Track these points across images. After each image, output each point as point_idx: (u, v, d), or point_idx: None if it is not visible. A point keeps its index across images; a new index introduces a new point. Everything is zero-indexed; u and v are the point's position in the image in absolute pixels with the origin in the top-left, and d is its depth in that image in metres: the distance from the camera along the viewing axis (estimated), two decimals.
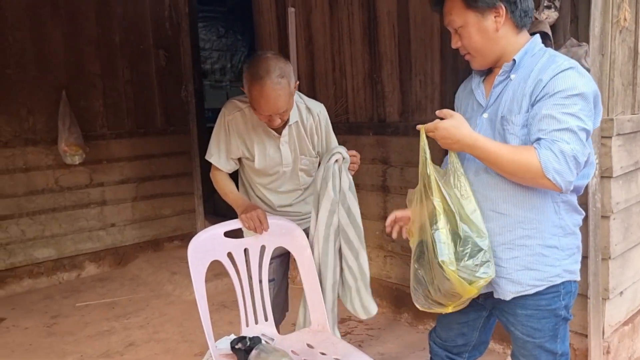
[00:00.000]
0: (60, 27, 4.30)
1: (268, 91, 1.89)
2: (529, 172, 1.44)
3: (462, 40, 1.58)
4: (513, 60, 1.55)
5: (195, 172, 4.88)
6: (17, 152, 4.16)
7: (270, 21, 4.03)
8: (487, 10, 1.52)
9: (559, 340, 1.66)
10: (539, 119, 1.45)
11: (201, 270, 1.95)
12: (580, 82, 1.45)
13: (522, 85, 1.52)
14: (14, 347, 3.26)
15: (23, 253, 4.25)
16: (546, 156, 1.41)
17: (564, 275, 1.59)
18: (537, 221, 1.55)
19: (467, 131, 1.51)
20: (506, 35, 1.55)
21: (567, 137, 1.41)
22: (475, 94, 1.68)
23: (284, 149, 2.16)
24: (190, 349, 3.12)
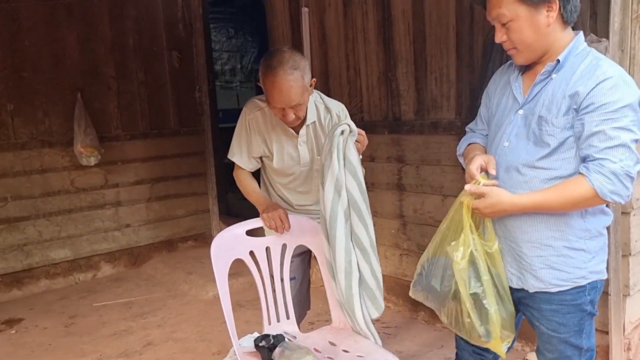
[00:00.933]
0: (74, 30, 4.34)
1: (280, 82, 1.91)
2: (587, 202, 1.47)
3: (510, 35, 1.53)
4: (557, 61, 1.53)
5: (210, 172, 4.92)
6: (33, 154, 4.20)
7: (284, 21, 4.05)
8: (540, 3, 1.47)
9: (585, 336, 1.65)
10: (589, 135, 1.44)
11: (224, 269, 1.95)
12: (627, 92, 1.43)
13: (563, 87, 1.50)
14: (34, 347, 3.29)
15: (40, 254, 4.29)
16: (599, 181, 1.42)
17: (590, 276, 1.60)
18: (563, 223, 1.56)
19: (509, 199, 1.53)
20: (554, 31, 1.52)
21: (620, 154, 1.41)
22: (513, 88, 1.65)
23: (301, 149, 2.17)
24: (208, 348, 3.14)
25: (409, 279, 3.42)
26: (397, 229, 3.45)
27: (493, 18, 1.56)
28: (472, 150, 1.77)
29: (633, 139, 1.42)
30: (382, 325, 3.31)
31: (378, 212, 3.53)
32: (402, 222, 3.41)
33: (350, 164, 1.94)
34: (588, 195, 1.43)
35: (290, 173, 2.23)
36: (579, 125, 1.47)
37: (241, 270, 2.15)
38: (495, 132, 1.69)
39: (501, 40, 1.56)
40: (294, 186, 2.26)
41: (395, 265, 3.50)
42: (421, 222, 3.30)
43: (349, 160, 1.94)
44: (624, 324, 2.42)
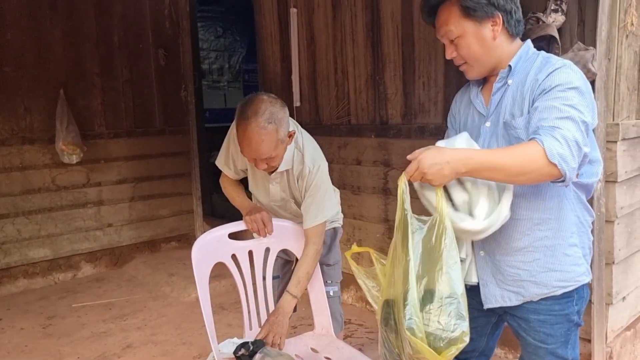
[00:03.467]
0: (59, 25, 4.27)
1: (251, 134, 1.80)
2: (535, 163, 1.36)
3: (459, 51, 1.57)
4: (509, 66, 1.56)
5: (194, 172, 4.86)
6: (13, 151, 4.12)
7: (272, 22, 4.01)
8: (485, 19, 1.52)
9: (570, 347, 1.63)
10: (540, 111, 1.43)
11: (205, 272, 1.92)
12: (575, 77, 1.45)
13: (521, 89, 1.52)
14: (10, 349, 3.21)
15: (19, 253, 4.21)
16: (549, 142, 1.35)
17: (583, 278, 1.56)
18: (555, 220, 1.53)
19: (453, 150, 1.43)
20: (502, 43, 1.56)
21: (569, 125, 1.38)
22: (475, 104, 1.66)
23: (273, 187, 2.11)
24: (188, 352, 3.09)
25: None
26: (382, 233, 3.43)
27: (442, 35, 1.60)
28: None
29: (581, 118, 1.40)
30: (365, 330, 3.29)
31: (364, 216, 3.51)
32: (387, 227, 3.39)
33: None
34: (537, 155, 1.35)
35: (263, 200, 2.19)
36: (533, 110, 1.46)
37: (224, 272, 2.11)
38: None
39: (451, 56, 1.60)
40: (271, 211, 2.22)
41: None
42: None
43: None
44: (607, 332, 2.42)
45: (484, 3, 1.51)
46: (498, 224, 1.46)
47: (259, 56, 4.22)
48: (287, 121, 1.91)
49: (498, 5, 1.51)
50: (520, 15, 1.57)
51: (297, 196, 2.10)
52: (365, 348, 3.02)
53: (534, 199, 1.53)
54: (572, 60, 2.17)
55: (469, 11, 1.52)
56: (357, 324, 3.37)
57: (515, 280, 1.57)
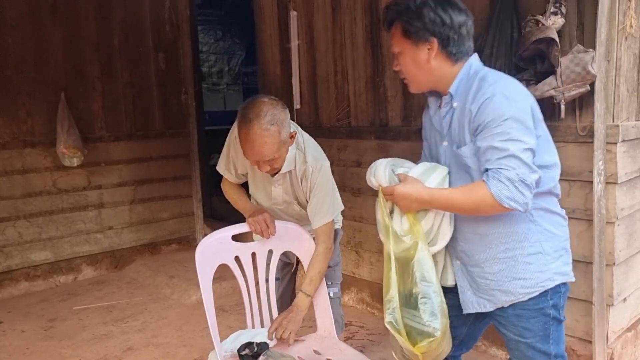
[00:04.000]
0: (59, 29, 4.27)
1: (254, 136, 1.81)
2: (486, 205, 1.52)
3: (400, 66, 1.69)
4: (449, 93, 1.65)
5: (195, 175, 4.87)
6: (15, 154, 4.13)
7: (272, 24, 4.03)
8: (420, 42, 1.61)
9: (552, 342, 1.68)
10: (483, 152, 1.53)
11: (208, 273, 1.92)
12: (505, 105, 1.51)
13: (461, 115, 1.61)
14: (12, 351, 3.22)
15: (20, 256, 4.21)
16: (495, 186, 1.48)
17: (556, 278, 1.64)
18: (513, 233, 1.62)
19: (422, 188, 1.61)
20: (440, 66, 1.64)
21: (512, 163, 1.48)
22: (434, 122, 1.76)
23: (275, 189, 2.11)
24: (189, 354, 3.10)
25: None
26: None
27: (391, 50, 1.73)
28: None
29: (523, 148, 1.49)
30: (366, 332, 3.29)
31: (364, 218, 3.52)
32: None
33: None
34: (487, 199, 1.50)
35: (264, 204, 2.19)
36: (476, 148, 1.57)
37: (224, 275, 2.12)
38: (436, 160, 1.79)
39: (396, 69, 1.72)
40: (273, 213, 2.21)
41: (380, 272, 3.47)
42: None
43: None
44: (608, 333, 2.43)
45: (420, 27, 1.60)
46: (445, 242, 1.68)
47: (259, 59, 4.23)
48: (288, 122, 1.92)
49: (434, 32, 1.60)
50: (464, 45, 1.63)
51: (301, 197, 2.11)
52: (366, 350, 3.03)
53: (480, 217, 1.63)
54: (572, 63, 2.20)
55: (408, 32, 1.62)
56: (357, 326, 3.37)
57: (487, 290, 1.68)
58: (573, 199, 2.45)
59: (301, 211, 2.14)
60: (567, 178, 2.46)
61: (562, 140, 2.45)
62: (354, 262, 3.64)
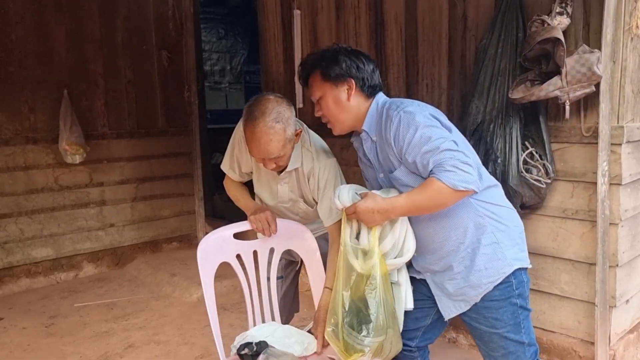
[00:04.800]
0: (63, 26, 4.27)
1: (260, 134, 1.81)
2: (445, 196, 1.59)
3: (323, 110, 1.81)
4: (363, 130, 1.79)
5: (197, 173, 4.87)
6: (17, 150, 4.13)
7: (275, 23, 4.02)
8: (339, 82, 1.76)
9: (524, 331, 1.76)
10: (420, 161, 1.62)
11: (210, 272, 1.92)
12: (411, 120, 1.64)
13: (384, 145, 1.73)
14: (12, 348, 3.21)
15: (21, 252, 4.21)
16: (445, 176, 1.56)
17: (514, 263, 1.73)
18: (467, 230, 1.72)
19: (381, 200, 1.69)
20: (358, 103, 1.79)
21: (448, 155, 1.57)
22: (364, 160, 1.90)
23: (281, 187, 2.10)
24: (190, 352, 3.09)
25: None
26: None
27: (311, 96, 1.84)
28: None
29: (448, 140, 1.60)
30: None
31: None
32: None
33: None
34: (443, 190, 1.57)
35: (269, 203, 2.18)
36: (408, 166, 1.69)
37: (225, 273, 2.11)
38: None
39: (318, 114, 1.84)
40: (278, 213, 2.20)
41: None
42: None
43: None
44: (610, 335, 2.42)
45: (338, 70, 1.76)
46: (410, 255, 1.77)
47: (262, 58, 4.23)
48: (294, 120, 1.91)
49: (351, 74, 1.76)
50: (374, 81, 1.80)
51: (307, 195, 2.10)
52: None
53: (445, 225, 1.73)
54: (577, 63, 2.19)
55: (327, 75, 1.77)
56: None
57: (458, 290, 1.76)
58: (576, 200, 2.45)
59: (307, 209, 2.13)
60: (571, 179, 2.45)
61: (566, 141, 2.44)
62: None
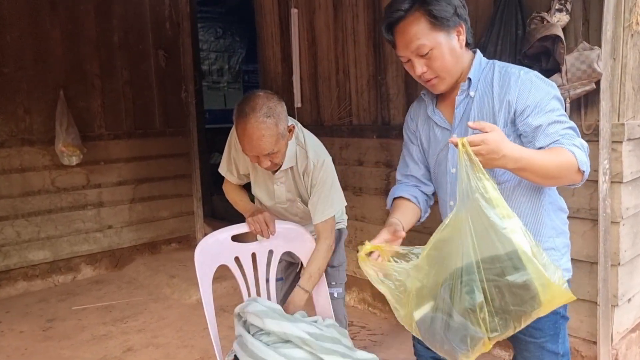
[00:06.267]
0: (59, 26, 4.25)
1: (251, 129, 1.79)
2: (570, 170, 1.41)
3: (432, 64, 1.53)
4: (468, 79, 1.58)
5: (195, 174, 4.84)
6: (13, 152, 4.10)
7: (273, 22, 4.00)
8: (452, 29, 1.53)
9: (561, 341, 1.66)
10: (544, 128, 1.45)
11: (208, 274, 1.90)
12: (547, 86, 1.50)
13: (489, 103, 1.53)
14: (10, 352, 3.19)
15: (18, 255, 4.18)
16: (577, 152, 1.41)
17: (565, 274, 1.59)
18: (533, 224, 1.57)
19: (511, 144, 1.38)
20: (463, 53, 1.58)
21: (574, 133, 1.47)
22: (435, 120, 1.66)
23: (277, 187, 2.08)
24: (190, 355, 3.07)
25: None
26: None
27: (412, 51, 1.54)
28: (394, 211, 1.78)
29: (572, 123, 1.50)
30: (368, 332, 3.26)
31: (366, 218, 3.49)
32: None
33: None
34: (572, 162, 1.40)
35: (268, 204, 2.17)
36: (526, 128, 1.48)
37: (225, 274, 2.09)
38: (439, 163, 1.69)
39: (422, 72, 1.55)
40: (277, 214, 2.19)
41: None
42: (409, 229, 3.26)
43: None
44: (612, 334, 2.40)
45: (452, 13, 1.51)
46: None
47: (260, 57, 4.21)
48: (285, 115, 1.89)
49: (460, 15, 1.54)
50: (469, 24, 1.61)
51: (304, 193, 2.08)
52: (368, 350, 2.99)
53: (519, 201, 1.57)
54: (578, 61, 2.17)
55: (441, 22, 1.50)
56: (359, 326, 3.34)
57: None
58: (577, 199, 2.42)
59: (305, 209, 2.11)
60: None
61: None
62: (356, 261, 3.59)
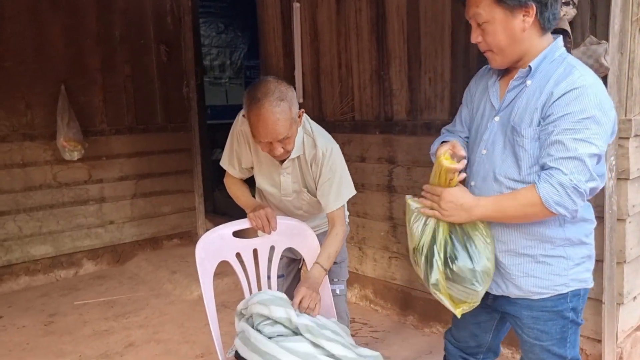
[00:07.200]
0: (60, 20, 4.22)
1: (266, 114, 1.77)
2: (534, 210, 1.44)
3: (485, 37, 1.49)
4: (529, 67, 1.50)
5: (196, 169, 4.83)
6: (14, 147, 4.08)
7: (275, 17, 3.96)
8: (517, 8, 1.43)
9: (569, 345, 1.62)
10: (549, 144, 1.42)
11: (209, 271, 1.88)
12: (591, 104, 1.38)
13: (537, 95, 1.47)
14: (11, 347, 3.18)
15: (20, 250, 4.17)
16: (545, 190, 1.40)
17: (572, 284, 1.57)
18: (539, 233, 1.54)
19: (470, 195, 1.51)
20: (530, 36, 1.48)
21: (572, 167, 1.38)
22: (490, 93, 1.61)
23: (284, 179, 2.06)
24: (191, 351, 3.06)
25: (398, 282, 3.37)
26: (386, 231, 3.39)
27: (470, 17, 1.52)
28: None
29: (592, 152, 1.39)
30: (370, 329, 3.25)
31: (368, 214, 3.47)
32: (392, 225, 3.35)
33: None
34: (535, 202, 1.41)
35: (273, 197, 2.14)
36: (543, 134, 1.45)
37: (226, 270, 2.07)
38: (475, 138, 1.67)
39: (476, 40, 1.53)
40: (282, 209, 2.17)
41: (384, 268, 3.44)
42: None
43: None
44: (617, 332, 2.38)
45: None
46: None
47: (262, 52, 4.18)
48: (296, 100, 1.89)
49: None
50: (557, 8, 1.48)
51: (310, 184, 2.06)
52: (369, 347, 2.97)
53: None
54: (584, 55, 2.14)
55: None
56: (361, 323, 3.33)
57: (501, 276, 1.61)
58: None
59: (311, 200, 2.09)
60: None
61: None
62: (358, 258, 3.59)
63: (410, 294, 3.29)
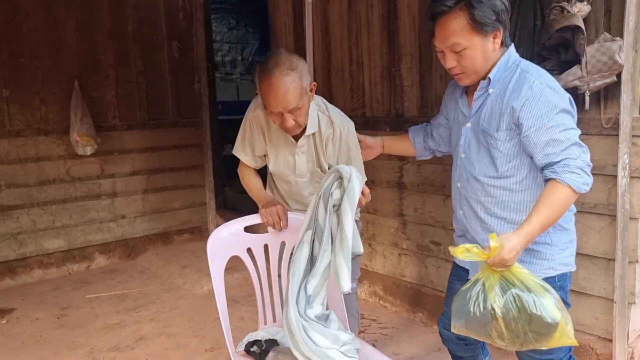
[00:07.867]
0: (73, 17, 4.25)
1: (277, 83, 1.81)
2: (569, 200, 1.56)
3: (462, 61, 1.65)
4: (488, 79, 1.67)
5: (207, 165, 4.85)
6: (29, 142, 4.13)
7: (286, 13, 3.97)
8: (490, 32, 1.62)
9: None
10: (543, 146, 1.57)
11: (220, 265, 1.89)
12: (555, 99, 1.57)
13: (499, 103, 1.64)
14: (25, 339, 3.23)
15: (34, 243, 4.23)
16: (571, 179, 1.53)
17: (559, 268, 1.73)
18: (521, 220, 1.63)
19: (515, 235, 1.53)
20: (496, 54, 1.68)
21: (576, 152, 1.55)
22: (460, 104, 1.81)
23: (299, 158, 2.07)
24: (201, 345, 3.08)
25: (408, 279, 3.37)
26: (396, 227, 3.39)
27: (447, 46, 1.66)
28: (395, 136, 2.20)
29: (578, 133, 1.59)
30: (379, 326, 3.25)
31: (378, 211, 3.47)
32: (402, 221, 3.35)
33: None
34: (567, 194, 1.54)
35: (287, 180, 2.15)
36: (526, 142, 1.60)
37: (236, 265, 2.08)
38: (455, 145, 1.85)
39: (452, 65, 1.68)
40: (295, 195, 2.18)
41: (393, 265, 3.44)
42: (421, 222, 3.23)
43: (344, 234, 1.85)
44: (628, 332, 2.36)
45: (494, 19, 1.60)
46: None
47: (273, 48, 4.18)
48: (307, 72, 1.91)
49: (501, 21, 1.63)
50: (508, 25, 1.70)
51: (324, 164, 2.08)
52: (378, 344, 2.99)
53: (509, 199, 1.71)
54: (598, 52, 2.12)
55: (481, 26, 1.60)
56: (370, 319, 3.34)
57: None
58: (595, 194, 2.37)
59: None
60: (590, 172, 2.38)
61: (585, 132, 2.34)
62: (367, 254, 3.59)
63: (419, 291, 3.29)
